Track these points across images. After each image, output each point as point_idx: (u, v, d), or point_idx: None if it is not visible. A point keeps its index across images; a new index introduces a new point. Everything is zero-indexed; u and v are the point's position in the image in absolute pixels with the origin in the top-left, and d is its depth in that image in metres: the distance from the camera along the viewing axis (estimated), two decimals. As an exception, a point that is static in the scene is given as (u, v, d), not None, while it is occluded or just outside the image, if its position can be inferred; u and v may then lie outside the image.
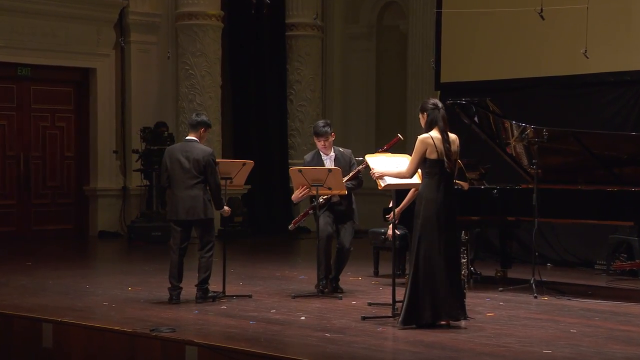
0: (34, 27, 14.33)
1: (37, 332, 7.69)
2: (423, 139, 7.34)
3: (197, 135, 8.68)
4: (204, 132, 8.75)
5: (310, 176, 8.72)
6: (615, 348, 6.67)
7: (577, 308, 8.43)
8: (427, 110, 7.42)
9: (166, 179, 8.68)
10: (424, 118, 7.45)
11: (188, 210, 8.51)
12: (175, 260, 8.58)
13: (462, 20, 13.14)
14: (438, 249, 7.29)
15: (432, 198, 7.32)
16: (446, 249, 7.34)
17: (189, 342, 6.78)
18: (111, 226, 15.00)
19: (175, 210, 8.59)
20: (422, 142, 7.33)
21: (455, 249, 7.55)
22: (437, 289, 7.27)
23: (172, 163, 8.60)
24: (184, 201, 8.51)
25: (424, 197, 7.36)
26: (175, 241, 8.62)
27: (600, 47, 11.54)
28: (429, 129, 7.38)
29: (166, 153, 8.76)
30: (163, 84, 15.53)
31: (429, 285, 7.26)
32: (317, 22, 16.06)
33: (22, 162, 14.57)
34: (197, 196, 8.50)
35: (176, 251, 8.60)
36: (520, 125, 9.39)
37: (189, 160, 8.51)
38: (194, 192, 8.50)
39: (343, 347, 6.62)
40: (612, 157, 9.24)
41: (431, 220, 7.30)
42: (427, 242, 7.30)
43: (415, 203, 7.48)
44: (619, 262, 10.71)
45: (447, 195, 7.37)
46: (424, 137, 7.35)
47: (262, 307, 8.34)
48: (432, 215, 7.31)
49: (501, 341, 6.86)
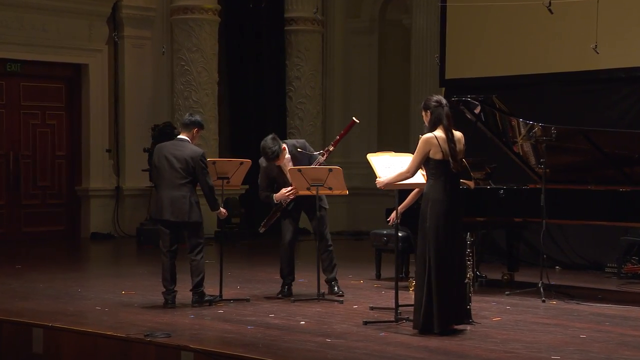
0: (23, 21, 14.34)
1: (27, 337, 7.69)
2: (427, 139, 7.31)
3: (190, 135, 8.68)
4: (197, 133, 8.75)
5: (310, 176, 8.73)
6: (626, 354, 6.66)
7: (587, 312, 8.42)
8: (431, 108, 7.39)
9: (156, 176, 8.73)
10: (427, 116, 7.41)
11: (173, 211, 8.50)
12: (167, 264, 8.58)
13: (467, 14, 13.14)
14: (449, 251, 7.30)
15: (439, 200, 7.30)
16: (455, 251, 7.36)
17: (185, 348, 6.77)
18: (104, 228, 15.01)
19: (159, 210, 8.58)
20: (425, 142, 7.31)
21: (462, 251, 7.56)
22: (450, 293, 7.27)
23: (160, 161, 8.60)
24: (169, 201, 8.50)
25: (430, 198, 7.34)
26: (164, 244, 8.62)
27: (611, 42, 11.53)
28: (433, 128, 7.35)
29: (155, 150, 8.78)
30: (158, 80, 15.53)
31: (443, 289, 7.25)
32: (317, 16, 16.05)
33: (12, 161, 14.56)
34: (184, 197, 8.48)
35: (166, 254, 8.60)
36: (528, 123, 9.38)
37: (178, 160, 8.51)
38: (180, 192, 8.49)
39: (344, 352, 6.62)
40: (623, 156, 9.23)
41: (440, 223, 7.29)
42: (437, 245, 7.28)
43: (421, 205, 7.47)
44: (630, 265, 10.70)
45: (454, 196, 7.36)
46: (428, 136, 7.32)
47: (260, 311, 8.34)
48: (440, 217, 7.29)
49: (508, 347, 6.85)
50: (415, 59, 15.04)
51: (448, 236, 7.30)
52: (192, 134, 8.70)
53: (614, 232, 10.83)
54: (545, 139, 9.15)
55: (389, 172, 7.71)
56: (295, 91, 16.41)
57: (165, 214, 8.52)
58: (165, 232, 8.59)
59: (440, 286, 7.25)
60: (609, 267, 11.14)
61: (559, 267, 11.61)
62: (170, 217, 8.51)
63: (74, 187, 15.15)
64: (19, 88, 14.69)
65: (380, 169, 7.79)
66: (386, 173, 7.71)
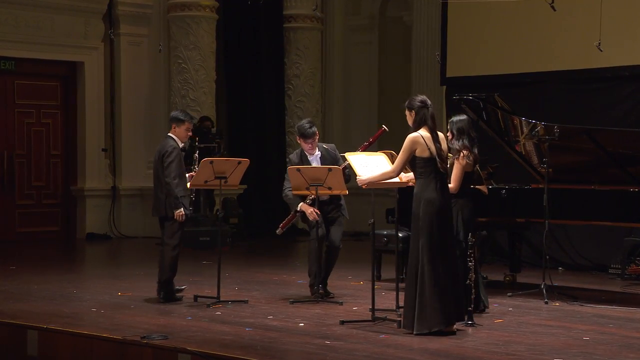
0: (17, 18, 14.33)
1: (22, 339, 7.68)
2: (413, 137, 7.42)
3: (173, 132, 9.02)
4: (178, 128, 9.02)
5: (310, 175, 8.74)
6: (630, 356, 6.67)
7: (590, 314, 8.43)
8: (415, 108, 7.50)
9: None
10: (411, 116, 7.53)
11: (154, 207, 8.98)
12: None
13: (469, 11, 13.14)
14: (444, 249, 7.37)
15: (430, 198, 7.39)
16: (450, 250, 7.43)
17: (182, 350, 6.78)
18: (100, 228, 15.00)
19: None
20: (411, 140, 7.41)
21: (455, 250, 7.63)
22: (445, 293, 7.30)
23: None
24: (153, 198, 8.99)
25: (422, 197, 7.43)
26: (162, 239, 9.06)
27: (615, 40, 11.53)
28: (418, 128, 7.47)
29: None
30: (154, 78, 15.53)
31: (439, 288, 7.29)
32: (316, 13, 16.05)
33: (6, 161, 14.55)
34: (159, 193, 8.89)
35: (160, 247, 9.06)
36: (530, 122, 9.38)
37: (155, 157, 8.98)
38: (157, 189, 8.92)
39: (344, 355, 6.62)
40: (627, 155, 9.24)
41: (433, 221, 7.37)
42: (431, 244, 7.34)
43: (413, 204, 7.52)
44: (634, 266, 10.71)
45: (445, 194, 7.48)
46: (414, 135, 7.43)
47: (258, 313, 8.34)
48: (433, 215, 7.38)
49: (510, 349, 6.86)
50: (416, 57, 15.04)
51: (442, 234, 7.39)
52: (174, 130, 9.04)
53: (618, 232, 10.83)
54: (548, 138, 9.16)
55: (367, 170, 7.89)
56: (294, 89, 16.41)
57: (152, 211, 9.07)
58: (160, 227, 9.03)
59: (436, 285, 7.29)
60: (612, 268, 11.14)
61: (561, 268, 11.61)
62: (153, 213, 9.01)
63: (69, 187, 15.14)
64: (14, 86, 14.68)
65: (358, 167, 7.97)
66: (365, 171, 7.88)
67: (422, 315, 7.29)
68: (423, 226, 7.38)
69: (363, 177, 7.81)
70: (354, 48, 17.06)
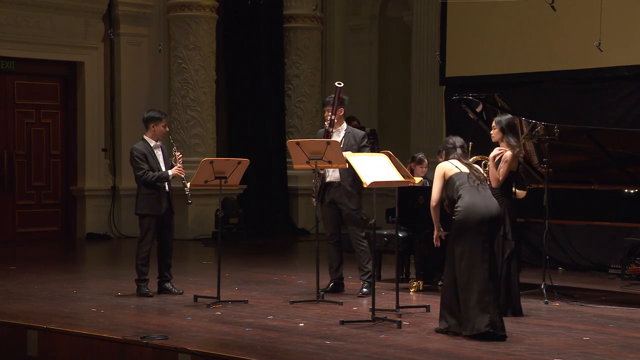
0: (17, 18, 14.33)
1: (22, 339, 7.68)
2: (439, 165, 7.69)
3: (150, 134, 9.28)
4: (155, 127, 9.29)
5: (309, 148, 8.83)
6: (630, 357, 6.67)
7: (591, 314, 8.43)
8: (444, 150, 7.79)
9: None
10: (441, 158, 7.86)
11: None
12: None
13: (469, 11, 13.14)
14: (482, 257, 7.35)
15: (470, 205, 7.36)
16: (489, 256, 7.38)
17: (182, 350, 6.78)
18: (100, 228, 15.01)
19: None
20: (439, 167, 7.64)
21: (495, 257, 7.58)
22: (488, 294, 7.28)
23: None
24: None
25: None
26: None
27: (615, 40, 11.53)
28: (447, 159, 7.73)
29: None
30: (154, 78, 15.53)
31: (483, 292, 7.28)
32: (316, 13, 16.04)
33: (6, 161, 14.55)
34: (138, 192, 9.34)
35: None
36: (530, 122, 9.38)
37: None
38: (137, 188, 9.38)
39: (344, 355, 6.62)
40: (627, 155, 9.24)
41: (472, 228, 7.34)
42: (469, 251, 7.32)
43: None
44: (635, 266, 10.70)
45: (485, 200, 7.43)
46: (441, 163, 7.69)
47: (258, 313, 8.34)
48: (473, 223, 7.33)
49: (510, 349, 6.86)
50: (415, 57, 15.03)
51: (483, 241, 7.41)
52: (152, 131, 9.30)
53: (618, 232, 10.84)
54: (548, 138, 9.15)
55: (369, 170, 7.96)
56: (294, 89, 16.42)
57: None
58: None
59: (480, 288, 7.30)
60: (612, 269, 11.14)
61: (562, 268, 11.61)
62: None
63: (69, 187, 15.14)
64: (13, 86, 14.68)
65: (360, 167, 8.00)
66: (368, 172, 7.93)
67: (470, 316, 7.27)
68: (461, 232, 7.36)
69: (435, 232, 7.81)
70: (354, 48, 17.06)
